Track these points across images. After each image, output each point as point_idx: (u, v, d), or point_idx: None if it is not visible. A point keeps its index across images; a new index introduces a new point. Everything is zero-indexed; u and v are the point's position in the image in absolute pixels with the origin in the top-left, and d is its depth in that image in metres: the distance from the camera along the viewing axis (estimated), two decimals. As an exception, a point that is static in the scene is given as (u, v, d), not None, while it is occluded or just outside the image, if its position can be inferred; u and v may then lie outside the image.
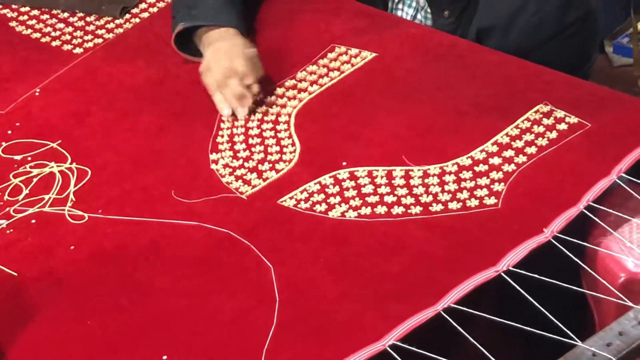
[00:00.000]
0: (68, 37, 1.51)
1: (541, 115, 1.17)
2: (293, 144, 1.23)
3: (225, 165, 1.20)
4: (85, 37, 1.50)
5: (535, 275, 0.95)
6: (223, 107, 1.27)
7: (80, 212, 1.15)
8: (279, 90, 1.32)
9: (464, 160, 1.12)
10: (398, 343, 0.90)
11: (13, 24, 1.59)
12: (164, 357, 0.93)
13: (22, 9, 1.60)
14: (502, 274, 0.95)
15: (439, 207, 1.06)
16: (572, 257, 0.99)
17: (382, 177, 1.11)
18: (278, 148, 1.22)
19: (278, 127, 1.26)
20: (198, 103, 1.34)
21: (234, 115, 1.28)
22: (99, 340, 0.99)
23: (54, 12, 1.60)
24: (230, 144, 1.24)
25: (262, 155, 1.21)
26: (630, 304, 0.92)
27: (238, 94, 1.26)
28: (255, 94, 1.27)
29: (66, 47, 1.49)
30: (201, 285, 1.04)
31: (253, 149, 1.22)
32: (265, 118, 1.28)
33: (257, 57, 1.31)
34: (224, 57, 1.29)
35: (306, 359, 0.92)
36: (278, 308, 0.97)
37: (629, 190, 1.06)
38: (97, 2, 1.57)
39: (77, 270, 1.08)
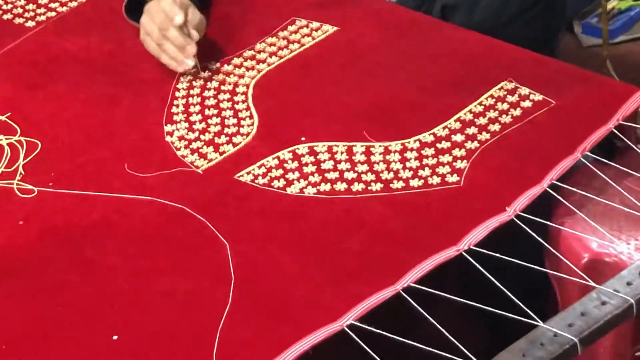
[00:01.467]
0: (20, 10, 1.50)
1: (505, 93, 1.17)
2: (251, 117, 1.22)
3: (181, 138, 1.19)
4: (38, 11, 1.49)
5: (497, 255, 0.96)
6: (173, 64, 1.26)
7: (29, 186, 1.13)
8: (237, 61, 1.31)
9: (426, 137, 1.12)
10: (356, 323, 0.90)
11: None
12: (114, 337, 0.92)
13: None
14: (464, 253, 0.95)
15: (400, 184, 1.06)
16: (535, 237, 0.99)
17: (342, 152, 1.11)
18: (235, 120, 1.21)
19: (235, 99, 1.25)
20: (152, 74, 1.32)
21: (185, 74, 1.27)
22: (46, 318, 0.97)
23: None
24: (185, 115, 1.23)
25: (218, 127, 1.20)
26: (593, 284, 0.92)
27: (179, 45, 1.24)
28: (195, 38, 1.25)
29: (18, 20, 1.48)
30: (154, 263, 1.03)
31: (209, 121, 1.21)
32: (223, 88, 1.27)
33: (197, 12, 1.30)
34: (155, 13, 1.27)
35: (261, 339, 0.92)
36: (233, 287, 0.96)
37: (594, 169, 1.07)
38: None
39: (25, 245, 1.07)
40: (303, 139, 1.16)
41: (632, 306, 0.89)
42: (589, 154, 1.07)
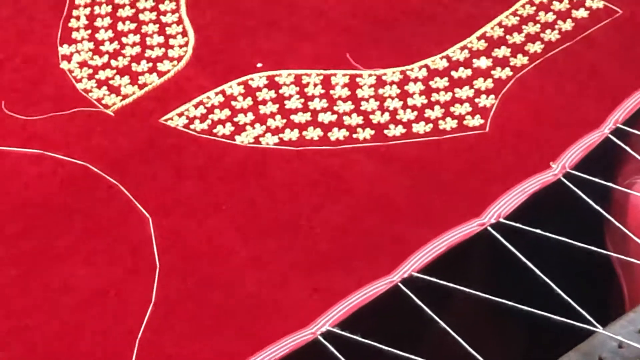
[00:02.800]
0: None
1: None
2: (184, 34, 1.22)
3: (82, 64, 1.18)
4: None
5: (537, 231, 0.97)
6: None
7: None
8: None
9: (437, 62, 1.13)
10: (334, 330, 0.90)
11: None
12: None
13: None
14: (489, 229, 0.96)
15: (399, 130, 1.06)
16: (592, 205, 1.00)
17: (315, 85, 1.11)
18: (162, 39, 1.20)
19: (162, 8, 1.25)
20: None
21: None
22: None
23: None
24: (90, 32, 1.22)
25: (138, 49, 1.20)
26: None
27: None
28: None
29: None
30: (47, 243, 1.03)
31: (125, 40, 1.20)
32: None
33: None
34: None
35: (196, 353, 0.93)
36: (158, 278, 0.96)
37: None
38: None
39: None
40: (259, 65, 1.16)
41: None
42: None
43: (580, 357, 0.85)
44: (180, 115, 1.11)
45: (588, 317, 0.91)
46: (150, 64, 1.18)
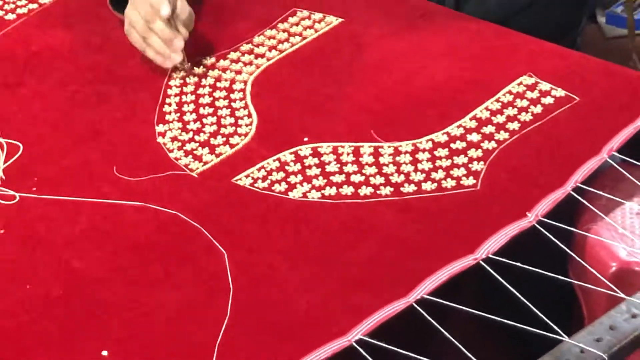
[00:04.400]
0: None
1: (524, 88, 1.19)
2: (249, 116, 1.23)
3: (174, 139, 1.20)
4: (19, 2, 1.53)
5: (518, 264, 0.96)
6: (159, 59, 1.29)
7: (10, 192, 1.15)
8: (234, 55, 1.32)
9: (439, 137, 1.13)
10: (365, 338, 0.90)
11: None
12: (104, 353, 0.92)
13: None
14: (481, 262, 0.96)
15: (412, 187, 1.07)
16: (559, 244, 1.00)
17: (348, 154, 1.13)
18: (232, 120, 1.22)
19: (232, 96, 1.26)
20: (142, 70, 1.35)
21: (177, 69, 1.29)
22: (29, 334, 0.98)
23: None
24: (178, 115, 1.24)
25: (214, 127, 1.21)
26: (622, 295, 0.92)
27: (165, 38, 1.27)
28: (184, 34, 1.28)
29: None
30: (145, 273, 1.04)
31: (204, 120, 1.22)
32: (219, 85, 1.28)
33: (186, 5, 1.32)
34: (140, 4, 1.30)
35: (263, 356, 0.92)
36: (232, 298, 0.97)
37: (622, 171, 1.07)
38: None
39: (5, 256, 1.08)
40: (306, 139, 1.17)
41: (665, 318, 0.88)
42: (616, 154, 1.07)
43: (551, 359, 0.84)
44: (246, 176, 1.11)
45: (557, 329, 0.89)
46: (224, 139, 1.19)
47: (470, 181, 1.07)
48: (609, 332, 0.88)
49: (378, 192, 1.08)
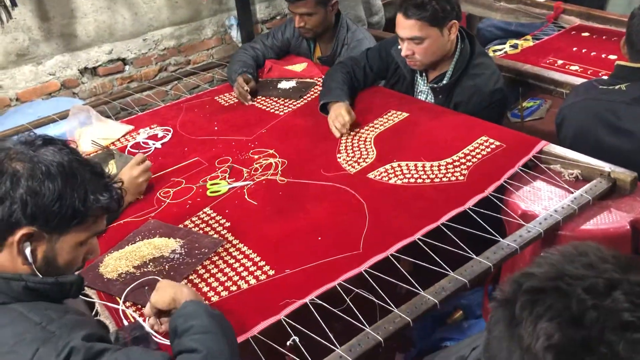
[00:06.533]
0: (275, 105, 2.32)
1: (482, 141, 1.87)
2: (373, 151, 1.99)
3: (343, 160, 1.93)
4: (286, 109, 2.30)
5: (478, 209, 1.52)
6: (336, 132, 2.07)
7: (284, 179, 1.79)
8: (365, 127, 2.11)
9: (448, 160, 1.85)
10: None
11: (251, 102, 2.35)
12: (319, 238, 1.52)
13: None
14: (467, 210, 1.54)
15: (439, 180, 1.71)
16: (498, 203, 1.57)
17: (410, 166, 1.81)
18: (365, 152, 1.96)
19: (365, 144, 2.02)
20: (329, 134, 2.11)
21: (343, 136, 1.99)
22: (285, 231, 1.62)
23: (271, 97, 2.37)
24: (345, 152, 1.99)
25: (358, 155, 1.94)
26: (524, 223, 1.47)
27: (341, 126, 2.07)
28: (348, 128, 2.02)
29: (274, 111, 2.33)
30: (329, 208, 1.65)
31: (355, 153, 1.95)
32: (359, 138, 2.04)
33: (351, 110, 2.08)
34: (334, 111, 2.09)
35: (389, 241, 1.44)
36: (368, 213, 1.62)
37: (522, 174, 1.70)
38: (297, 93, 2.40)
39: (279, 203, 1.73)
40: (394, 160, 1.88)
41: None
42: (520, 169, 1.71)
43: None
44: (375, 175, 1.81)
45: (496, 235, 1.34)
46: (362, 159, 1.86)
47: (462, 178, 1.71)
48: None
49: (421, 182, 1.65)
